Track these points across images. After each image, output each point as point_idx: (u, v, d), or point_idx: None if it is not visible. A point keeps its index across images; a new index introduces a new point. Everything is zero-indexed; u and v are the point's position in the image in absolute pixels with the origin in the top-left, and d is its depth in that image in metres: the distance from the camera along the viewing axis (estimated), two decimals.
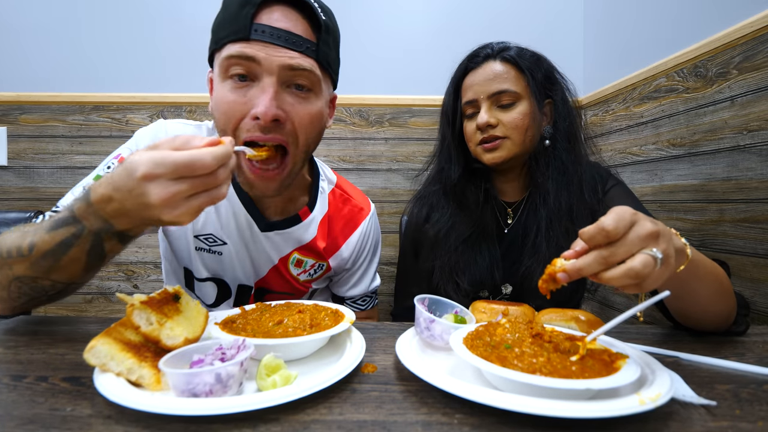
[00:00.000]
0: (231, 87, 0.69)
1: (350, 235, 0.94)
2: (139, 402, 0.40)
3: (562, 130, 0.92)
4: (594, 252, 0.47)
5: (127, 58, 1.65)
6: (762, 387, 0.50)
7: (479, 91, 0.91)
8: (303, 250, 0.90)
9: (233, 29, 0.67)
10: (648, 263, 0.45)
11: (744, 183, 0.99)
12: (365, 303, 1.02)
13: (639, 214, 0.49)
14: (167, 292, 0.53)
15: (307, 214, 0.88)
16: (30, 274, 0.60)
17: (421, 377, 0.47)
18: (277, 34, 0.66)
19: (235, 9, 0.67)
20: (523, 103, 0.90)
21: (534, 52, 0.94)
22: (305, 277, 0.92)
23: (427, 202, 1.02)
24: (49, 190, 1.63)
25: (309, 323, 0.58)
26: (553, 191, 0.91)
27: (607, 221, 0.46)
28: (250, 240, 0.86)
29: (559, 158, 0.92)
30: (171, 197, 0.49)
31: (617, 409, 0.39)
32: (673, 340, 0.69)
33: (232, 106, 0.68)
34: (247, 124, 0.69)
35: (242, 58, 0.66)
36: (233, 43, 0.67)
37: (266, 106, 0.66)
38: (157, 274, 1.68)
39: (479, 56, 0.94)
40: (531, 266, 0.90)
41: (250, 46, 0.66)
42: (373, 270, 1.02)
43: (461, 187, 0.98)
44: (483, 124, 0.90)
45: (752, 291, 0.96)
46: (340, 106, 1.67)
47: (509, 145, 0.90)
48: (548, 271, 0.50)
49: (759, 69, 0.95)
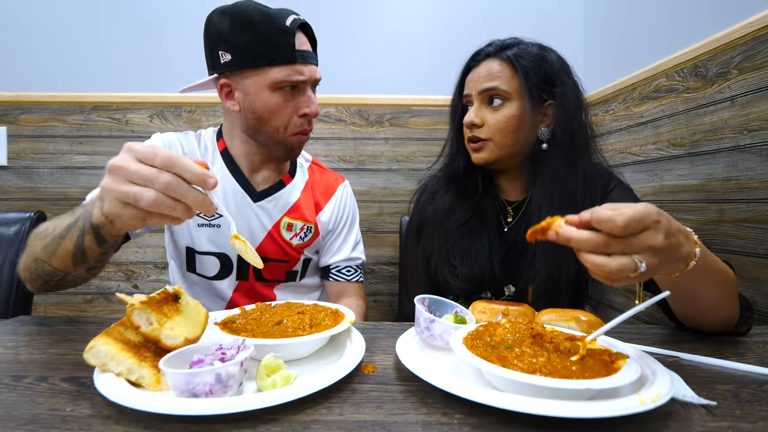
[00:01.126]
0: (282, 97, 0.90)
1: (330, 198, 1.11)
2: (139, 402, 0.40)
3: (564, 133, 0.90)
4: (593, 235, 0.47)
5: (127, 58, 1.65)
6: (762, 387, 0.50)
7: (473, 87, 0.92)
8: (291, 214, 1.05)
9: (280, 54, 0.86)
10: (625, 269, 0.46)
11: (744, 183, 0.99)
12: (350, 274, 1.12)
13: (662, 223, 0.47)
14: (167, 292, 0.53)
15: (289, 180, 1.07)
16: (42, 256, 0.68)
17: (421, 377, 0.47)
18: (308, 56, 0.90)
19: (275, 35, 0.86)
20: (512, 104, 0.88)
21: (540, 52, 0.91)
22: (297, 241, 1.06)
23: (433, 187, 1.04)
24: (49, 190, 1.63)
25: (309, 323, 0.58)
26: (551, 197, 0.88)
27: (622, 218, 0.45)
28: (244, 211, 1.01)
29: (556, 162, 0.89)
30: (140, 178, 0.51)
31: (617, 409, 0.39)
32: (673, 340, 0.69)
33: (286, 110, 0.91)
34: (296, 121, 0.93)
35: (295, 80, 0.89)
36: (281, 66, 0.87)
37: (316, 107, 0.94)
38: (157, 274, 1.68)
39: (481, 54, 0.94)
40: (531, 278, 0.89)
41: (298, 68, 0.89)
42: (353, 238, 1.14)
43: (462, 177, 0.99)
44: (468, 123, 0.91)
45: (752, 291, 0.96)
46: (340, 106, 1.67)
47: (492, 146, 0.90)
48: (543, 225, 0.50)
49: (759, 69, 0.95)
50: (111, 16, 1.64)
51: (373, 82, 1.69)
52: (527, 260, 0.91)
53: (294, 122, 0.93)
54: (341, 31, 1.68)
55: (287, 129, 0.93)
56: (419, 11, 1.70)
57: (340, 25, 1.68)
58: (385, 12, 1.70)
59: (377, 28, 1.70)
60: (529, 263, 0.90)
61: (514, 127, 0.89)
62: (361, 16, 1.69)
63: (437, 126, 1.68)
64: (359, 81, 1.69)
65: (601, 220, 0.46)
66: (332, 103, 1.66)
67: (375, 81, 1.70)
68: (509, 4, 1.70)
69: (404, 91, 1.69)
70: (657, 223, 0.47)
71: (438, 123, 1.68)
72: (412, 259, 1.06)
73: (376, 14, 1.70)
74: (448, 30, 1.70)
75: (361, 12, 1.69)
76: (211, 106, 1.64)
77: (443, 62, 1.67)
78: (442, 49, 1.69)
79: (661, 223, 0.47)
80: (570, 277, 0.86)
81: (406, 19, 1.70)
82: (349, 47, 1.69)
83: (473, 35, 0.94)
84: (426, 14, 1.70)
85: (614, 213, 0.46)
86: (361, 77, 1.69)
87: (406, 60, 1.70)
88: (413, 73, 1.70)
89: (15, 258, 1.07)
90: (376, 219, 1.69)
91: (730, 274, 0.64)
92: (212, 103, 1.63)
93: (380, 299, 1.71)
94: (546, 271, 0.86)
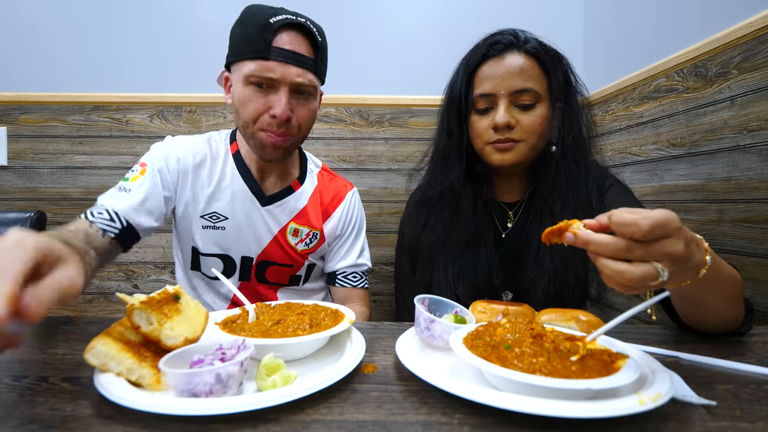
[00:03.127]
0: (253, 91, 0.88)
1: (338, 205, 1.10)
2: (139, 402, 0.40)
3: (571, 135, 0.87)
4: (614, 239, 0.45)
5: (127, 58, 1.65)
6: (762, 387, 0.50)
7: (500, 85, 0.83)
8: (298, 220, 1.04)
9: (254, 48, 0.85)
10: (648, 277, 0.44)
11: (744, 183, 0.99)
12: (356, 280, 1.13)
13: (683, 230, 0.45)
14: (167, 292, 0.53)
15: (298, 186, 1.06)
16: None
17: (421, 377, 0.47)
18: (288, 55, 0.86)
19: (255, 31, 0.84)
20: (542, 105, 0.84)
21: (552, 48, 0.88)
22: (302, 246, 1.05)
23: (425, 209, 0.97)
24: (49, 190, 1.63)
25: (309, 323, 0.58)
26: (557, 200, 0.86)
27: (647, 222, 0.42)
28: (251, 214, 1.01)
29: (565, 165, 0.87)
30: None
31: (617, 409, 0.39)
32: (673, 340, 0.69)
33: (255, 105, 0.88)
34: (266, 119, 0.89)
35: (263, 76, 0.86)
36: (254, 60, 0.85)
37: (282, 110, 0.87)
38: (157, 274, 1.68)
39: (501, 43, 0.85)
40: (534, 279, 0.86)
41: (269, 65, 0.85)
42: (360, 245, 1.14)
43: (459, 192, 0.91)
44: (502, 125, 0.82)
45: (752, 291, 0.96)
46: (340, 106, 1.67)
47: (523, 148, 0.84)
48: (561, 226, 0.48)
49: (759, 69, 0.95)
50: (111, 16, 1.64)
51: (373, 82, 1.69)
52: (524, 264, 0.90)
53: (263, 119, 0.89)
54: (342, 31, 1.68)
55: (255, 124, 0.90)
56: (419, 11, 1.70)
57: (341, 25, 1.68)
58: (385, 12, 1.70)
59: (377, 28, 1.70)
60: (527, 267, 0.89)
61: (544, 129, 0.85)
62: (362, 16, 1.69)
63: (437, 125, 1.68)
64: (359, 81, 1.69)
65: (623, 224, 0.44)
66: (332, 103, 1.66)
67: (375, 81, 1.69)
68: (510, 5, 1.70)
69: (404, 91, 1.69)
70: (678, 231, 0.45)
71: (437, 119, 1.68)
72: (407, 289, 1.04)
73: (376, 14, 1.70)
74: (448, 30, 1.70)
75: (362, 12, 1.69)
76: (211, 106, 1.64)
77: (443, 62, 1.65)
78: (442, 49, 1.68)
79: (682, 231, 0.45)
80: (575, 288, 0.85)
81: (406, 19, 1.70)
82: (350, 47, 1.69)
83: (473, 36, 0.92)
84: (426, 14, 1.70)
85: (638, 217, 0.43)
86: (361, 77, 1.69)
87: (406, 60, 1.70)
88: (413, 73, 1.69)
89: None
90: (376, 219, 1.69)
91: (737, 278, 0.63)
92: (212, 103, 1.63)
93: (380, 299, 1.71)
94: (551, 273, 0.85)
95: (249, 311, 0.64)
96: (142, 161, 0.96)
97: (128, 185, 0.91)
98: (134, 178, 0.92)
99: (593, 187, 0.88)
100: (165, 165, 0.95)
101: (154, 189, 0.92)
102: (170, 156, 0.96)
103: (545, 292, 0.85)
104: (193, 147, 1.00)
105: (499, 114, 0.83)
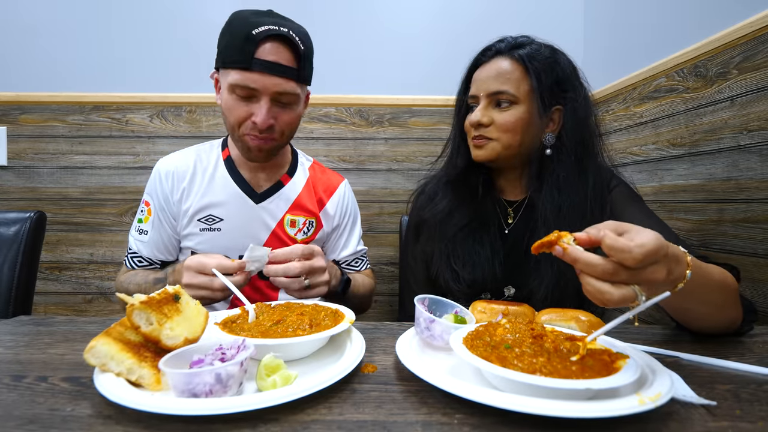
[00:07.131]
0: (236, 99, 0.92)
1: (332, 195, 1.15)
2: (139, 402, 0.40)
3: (572, 140, 0.88)
4: (602, 262, 0.47)
5: (127, 58, 1.65)
6: (762, 387, 0.50)
7: (481, 87, 0.90)
8: (293, 210, 1.08)
9: (238, 59, 0.88)
10: (626, 300, 0.46)
11: (744, 183, 0.99)
12: (358, 264, 1.20)
13: (668, 255, 0.48)
14: (167, 292, 0.53)
15: (287, 179, 1.10)
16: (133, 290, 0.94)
17: (421, 377, 0.47)
18: (269, 66, 0.88)
19: (239, 42, 0.87)
20: (520, 106, 0.87)
21: (553, 55, 0.89)
22: (301, 236, 1.09)
23: (431, 189, 1.03)
24: (49, 190, 1.63)
25: (309, 323, 0.58)
26: (558, 206, 0.87)
27: (640, 252, 0.45)
28: (246, 213, 1.04)
29: (562, 169, 0.88)
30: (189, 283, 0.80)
31: (617, 409, 0.39)
32: (673, 340, 0.69)
33: (239, 112, 0.93)
34: (249, 125, 0.93)
35: (246, 86, 0.89)
36: (237, 70, 0.89)
37: (263, 119, 0.91)
38: None
39: (491, 50, 0.92)
40: (534, 287, 0.88)
41: (252, 76, 0.88)
42: (357, 232, 1.21)
43: (462, 178, 0.98)
44: (474, 123, 0.90)
45: (752, 291, 0.96)
46: (340, 106, 1.67)
47: (496, 146, 0.89)
48: (551, 239, 0.49)
49: (759, 69, 0.95)
50: (111, 16, 1.64)
51: (373, 82, 1.69)
52: (528, 262, 0.90)
53: (247, 125, 0.93)
54: (342, 31, 1.68)
55: (240, 128, 0.95)
56: (419, 11, 1.70)
57: (341, 24, 1.68)
58: (385, 12, 1.70)
59: (378, 28, 1.70)
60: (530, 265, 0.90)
61: (521, 129, 0.87)
62: (362, 15, 1.69)
63: (437, 126, 1.68)
64: (359, 81, 1.69)
65: (616, 249, 0.46)
66: (332, 103, 1.66)
67: (375, 81, 1.69)
68: (510, 5, 1.70)
69: (404, 91, 1.69)
70: (665, 257, 0.47)
71: (438, 123, 1.68)
72: (412, 261, 1.06)
73: (376, 14, 1.70)
74: (448, 30, 1.70)
75: (362, 12, 1.69)
76: (210, 106, 1.64)
77: (443, 62, 1.67)
78: (442, 50, 1.69)
79: (668, 256, 0.48)
80: (576, 286, 0.85)
81: (406, 18, 1.70)
82: (350, 47, 1.69)
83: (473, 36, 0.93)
84: (426, 14, 1.70)
85: (632, 245, 0.45)
86: (361, 77, 1.69)
87: (406, 60, 1.70)
88: (413, 73, 1.70)
89: (15, 258, 1.07)
90: (376, 219, 1.69)
91: (729, 283, 0.63)
92: (212, 103, 1.63)
93: (380, 299, 1.71)
94: (552, 281, 0.86)
95: (249, 311, 0.64)
96: (145, 199, 1.06)
97: (144, 227, 1.04)
98: (146, 219, 1.04)
99: (594, 195, 0.87)
100: (161, 198, 1.03)
101: (163, 232, 1.04)
102: (163, 182, 1.03)
103: (546, 293, 0.86)
104: (181, 162, 1.06)
105: (474, 113, 0.91)
